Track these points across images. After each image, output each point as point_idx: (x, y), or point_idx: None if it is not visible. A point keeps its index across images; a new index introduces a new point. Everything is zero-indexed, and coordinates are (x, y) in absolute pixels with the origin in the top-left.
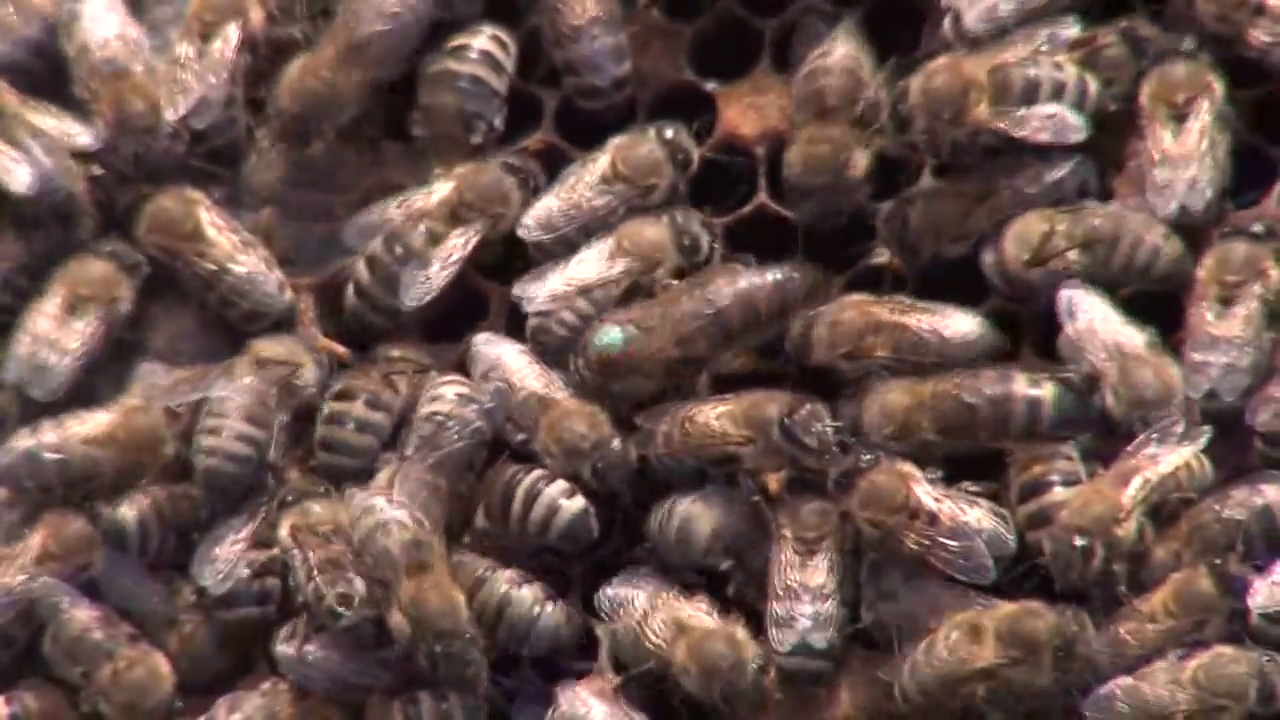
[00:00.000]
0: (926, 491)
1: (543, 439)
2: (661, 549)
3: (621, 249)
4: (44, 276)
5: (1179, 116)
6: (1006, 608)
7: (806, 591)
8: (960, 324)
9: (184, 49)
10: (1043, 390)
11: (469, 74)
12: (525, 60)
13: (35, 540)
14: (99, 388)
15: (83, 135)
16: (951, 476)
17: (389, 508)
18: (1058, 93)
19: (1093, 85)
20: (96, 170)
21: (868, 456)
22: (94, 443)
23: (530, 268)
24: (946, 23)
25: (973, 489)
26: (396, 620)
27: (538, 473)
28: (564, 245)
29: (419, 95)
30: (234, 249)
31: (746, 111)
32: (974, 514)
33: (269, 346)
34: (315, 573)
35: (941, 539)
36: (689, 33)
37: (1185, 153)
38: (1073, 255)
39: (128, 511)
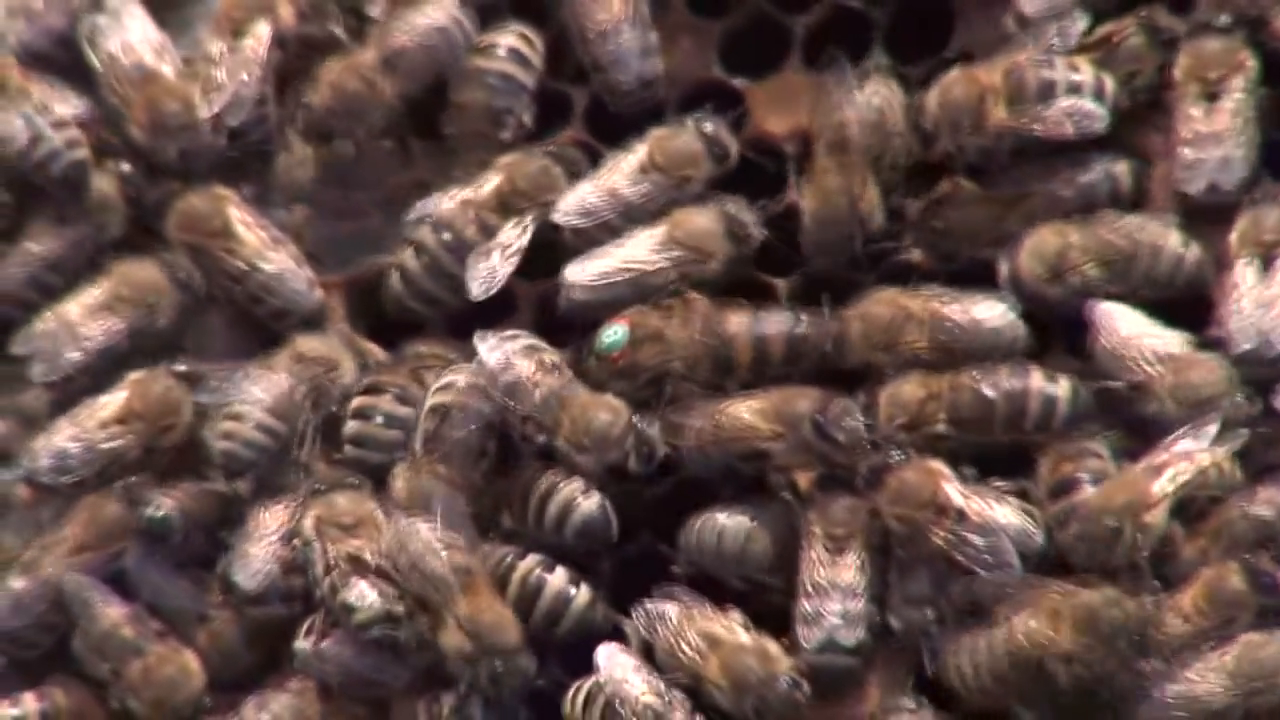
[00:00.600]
0: (955, 488)
1: (568, 433)
2: (703, 559)
3: (673, 239)
4: (75, 275)
5: (1211, 95)
6: (1084, 594)
7: (835, 589)
8: (992, 310)
9: (215, 46)
10: (1058, 386)
11: (498, 71)
12: (554, 57)
13: (69, 531)
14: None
15: (78, 107)
16: (981, 474)
17: (432, 531)
18: (1074, 91)
19: (1109, 82)
20: (126, 167)
21: (898, 453)
22: (113, 423)
23: (558, 264)
24: (1009, 16)
25: (1001, 486)
26: (454, 639)
27: (555, 470)
28: (605, 231)
29: (449, 93)
30: (263, 246)
31: (776, 109)
32: (1002, 511)
33: (310, 343)
34: (332, 568)
35: (969, 535)
36: (718, 30)
37: (1217, 131)
38: (1091, 270)
39: (168, 507)
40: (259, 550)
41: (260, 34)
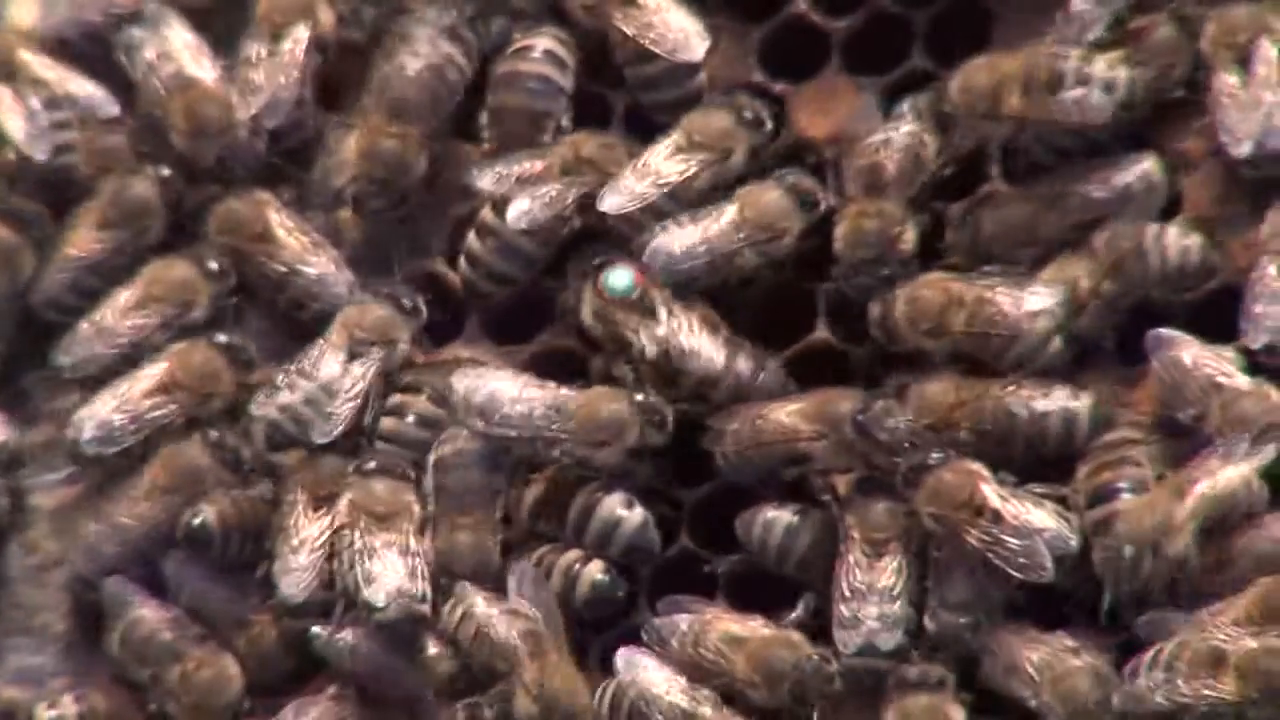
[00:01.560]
0: (993, 490)
1: (582, 435)
2: (754, 551)
3: (746, 219)
4: (115, 278)
5: (1243, 60)
6: (1249, 643)
7: (874, 593)
8: (1038, 299)
9: (254, 49)
10: (1080, 403)
11: (536, 73)
12: (592, 61)
13: (147, 475)
14: None
15: (107, 105)
16: (1020, 479)
17: (494, 602)
18: (1082, 82)
19: (1122, 76)
20: (166, 172)
21: (938, 454)
22: (156, 392)
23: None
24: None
25: (1039, 490)
26: (524, 705)
27: (593, 486)
28: (651, 214)
29: (487, 97)
30: (304, 250)
31: (815, 113)
32: (1038, 514)
33: (362, 316)
34: (358, 560)
35: (1004, 537)
36: (758, 34)
37: (1254, 94)
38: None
39: (208, 514)
40: (302, 560)
41: (299, 37)
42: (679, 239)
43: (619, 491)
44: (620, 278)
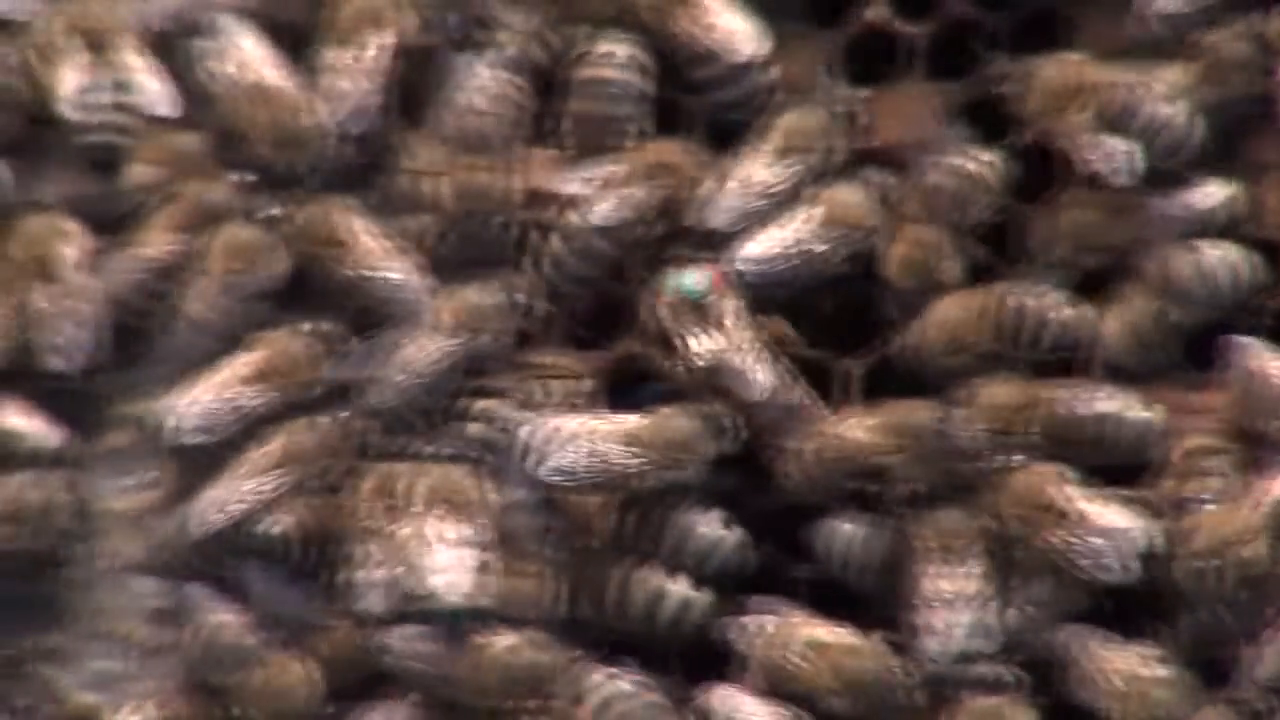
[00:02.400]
0: (1075, 490)
1: (660, 457)
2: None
3: (833, 219)
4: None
5: None
6: None
7: (961, 599)
8: (1066, 309)
9: (336, 56)
10: (1152, 414)
11: (616, 79)
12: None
13: (275, 445)
14: None
15: (162, 105)
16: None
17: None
18: (1147, 127)
19: (1180, 115)
20: (249, 177)
21: (1019, 456)
22: (253, 380)
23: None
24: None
25: (1123, 493)
26: None
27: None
28: (754, 218)
29: (567, 104)
30: (383, 255)
31: (894, 119)
32: (1120, 514)
33: (467, 298)
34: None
35: (1087, 537)
36: (836, 39)
37: None
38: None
39: (283, 523)
40: (385, 573)
41: (383, 43)
42: (766, 244)
43: (716, 510)
44: (696, 280)
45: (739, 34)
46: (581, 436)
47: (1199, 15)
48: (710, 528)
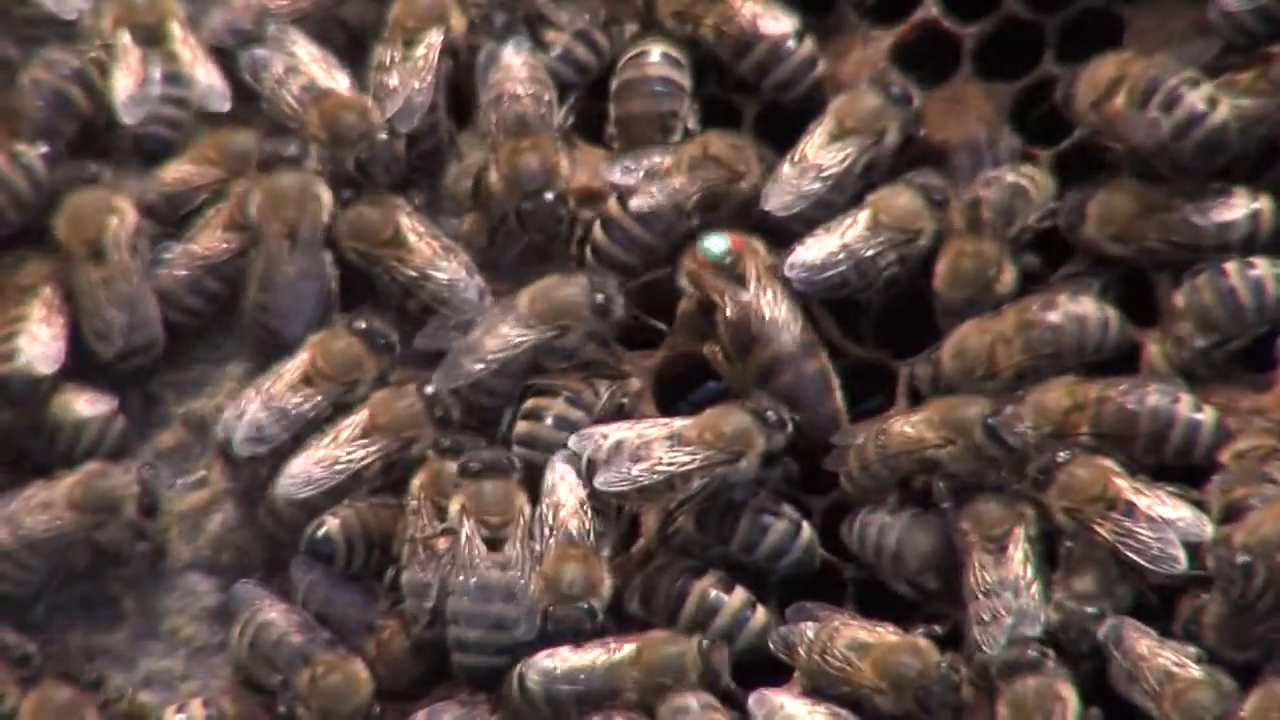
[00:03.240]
0: (1126, 483)
1: (710, 454)
2: (867, 556)
3: (881, 223)
4: (238, 280)
5: None
6: None
7: (1006, 587)
8: (1086, 307)
9: (387, 54)
10: (1204, 415)
11: (658, 76)
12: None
13: (363, 415)
14: None
15: (217, 100)
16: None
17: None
18: (1169, 105)
19: (1221, 111)
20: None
21: (1067, 452)
22: (301, 385)
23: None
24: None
25: (1173, 490)
26: None
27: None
28: (821, 206)
29: (612, 108)
30: (434, 255)
31: (947, 119)
32: (1172, 505)
33: (550, 290)
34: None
35: (1137, 529)
36: (890, 39)
37: None
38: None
39: (331, 526)
40: (432, 576)
41: (432, 42)
42: (817, 249)
43: (787, 508)
44: (717, 243)
45: (764, 15)
46: (630, 442)
47: (1260, 21)
48: (785, 525)
